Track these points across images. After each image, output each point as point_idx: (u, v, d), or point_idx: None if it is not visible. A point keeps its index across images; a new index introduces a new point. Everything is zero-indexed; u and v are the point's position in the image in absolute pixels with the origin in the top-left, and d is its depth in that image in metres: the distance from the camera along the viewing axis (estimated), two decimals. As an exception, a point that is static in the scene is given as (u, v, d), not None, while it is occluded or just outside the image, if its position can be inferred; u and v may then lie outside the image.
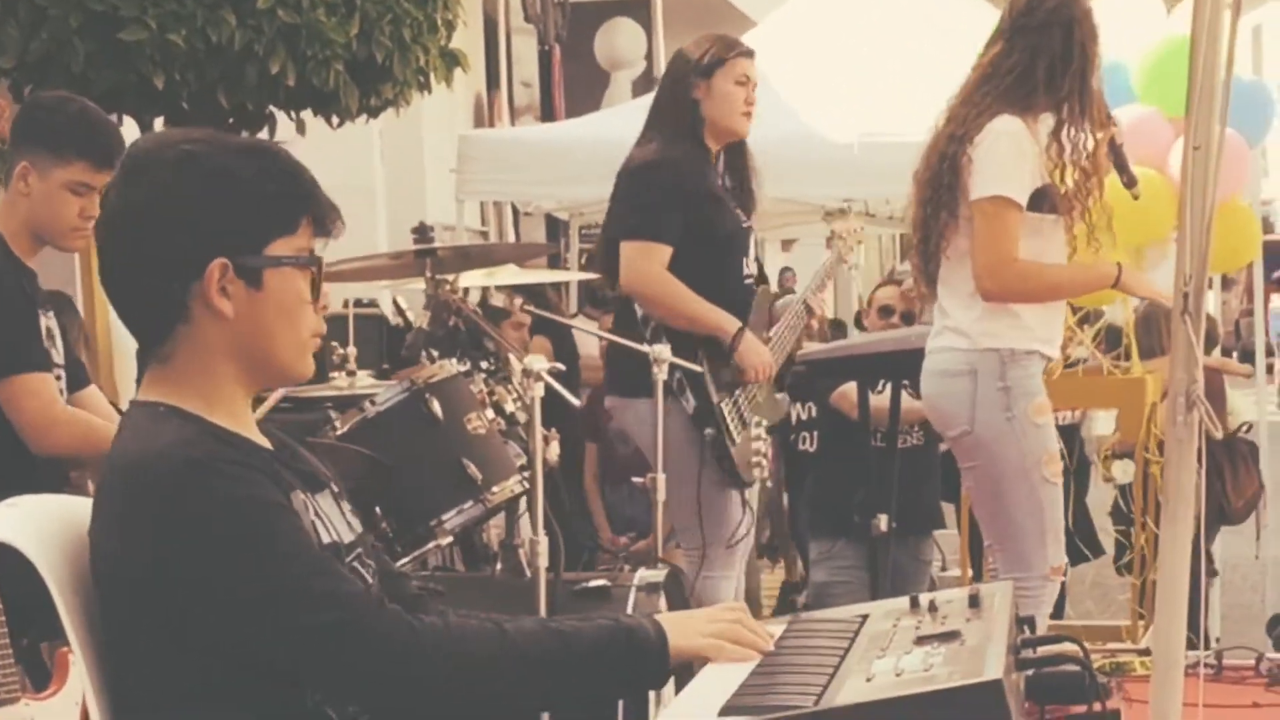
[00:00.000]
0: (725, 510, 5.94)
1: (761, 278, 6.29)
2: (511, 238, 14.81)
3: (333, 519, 2.77)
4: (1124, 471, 7.84)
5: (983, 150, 5.19)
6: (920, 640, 2.63)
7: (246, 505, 2.54)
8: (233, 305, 2.64)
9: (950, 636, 2.61)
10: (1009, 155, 5.17)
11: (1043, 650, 2.75)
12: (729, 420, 5.87)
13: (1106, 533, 8.35)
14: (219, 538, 2.51)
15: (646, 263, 5.83)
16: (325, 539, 2.70)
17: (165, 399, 2.67)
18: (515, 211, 15.21)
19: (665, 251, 5.83)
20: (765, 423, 6.09)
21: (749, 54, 6.06)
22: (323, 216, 2.73)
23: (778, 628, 2.92)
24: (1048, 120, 5.32)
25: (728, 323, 5.87)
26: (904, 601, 2.93)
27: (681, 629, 2.73)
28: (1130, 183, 5.35)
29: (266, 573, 2.52)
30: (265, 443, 2.75)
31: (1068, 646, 2.71)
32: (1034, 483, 5.25)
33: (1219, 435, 4.14)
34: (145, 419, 2.66)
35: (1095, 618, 8.56)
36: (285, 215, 2.68)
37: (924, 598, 2.90)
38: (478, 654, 2.61)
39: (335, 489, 2.84)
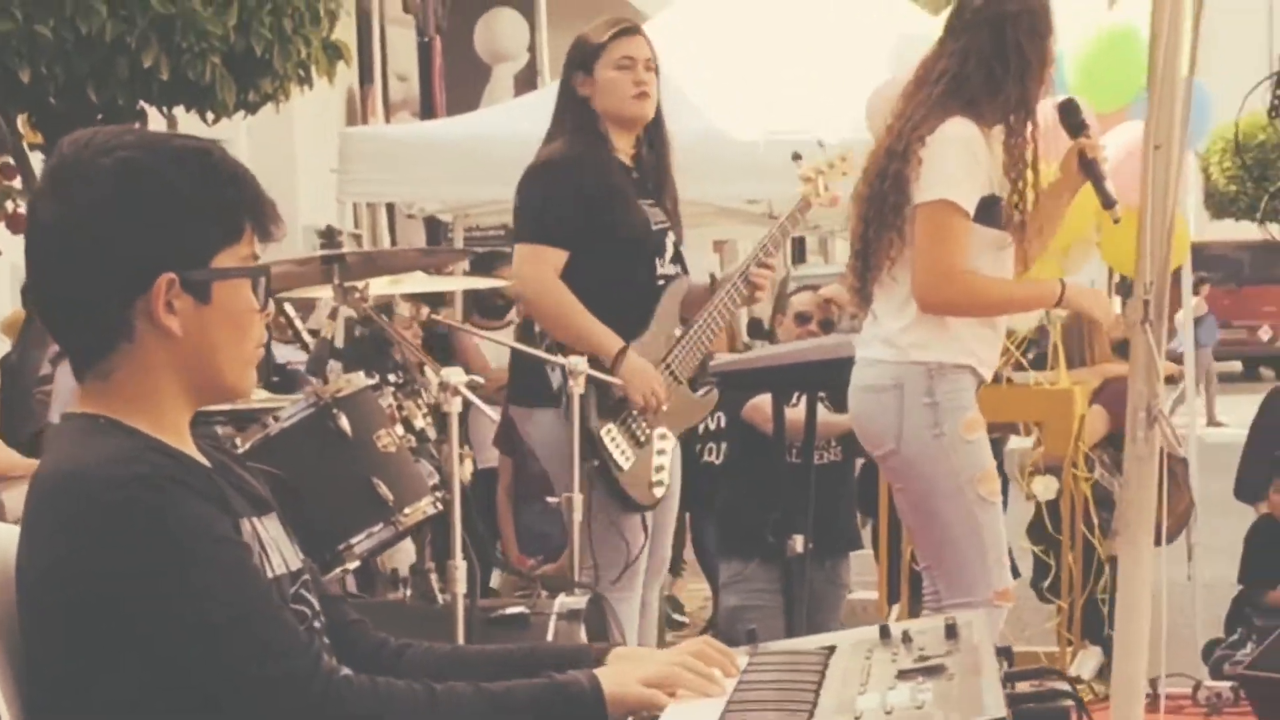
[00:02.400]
0: (623, 533, 5.80)
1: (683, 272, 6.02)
2: (387, 241, 14.70)
3: (280, 545, 2.74)
4: (1046, 489, 7.84)
5: (932, 152, 5.12)
6: (903, 674, 2.60)
7: (192, 533, 2.50)
8: (180, 321, 2.60)
9: (935, 671, 2.59)
10: (958, 159, 5.10)
11: (1024, 685, 2.73)
12: (612, 448, 5.72)
13: (1024, 553, 8.33)
14: (161, 564, 2.47)
15: (534, 267, 5.71)
16: (274, 571, 2.67)
17: (105, 412, 2.62)
18: (390, 213, 15.12)
19: (556, 255, 5.69)
20: (670, 434, 5.90)
21: (630, 31, 5.87)
22: (264, 220, 2.69)
23: (740, 660, 2.89)
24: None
25: (609, 342, 5.68)
26: (872, 631, 2.91)
27: (619, 679, 2.70)
28: (1107, 203, 5.09)
29: (208, 609, 2.48)
30: (205, 461, 2.71)
31: (1056, 682, 2.70)
32: (969, 502, 5.20)
33: (1181, 453, 4.15)
34: (82, 432, 2.61)
35: (1012, 644, 8.55)
36: (230, 224, 2.65)
37: (895, 627, 2.88)
38: None
39: (278, 510, 2.81)
